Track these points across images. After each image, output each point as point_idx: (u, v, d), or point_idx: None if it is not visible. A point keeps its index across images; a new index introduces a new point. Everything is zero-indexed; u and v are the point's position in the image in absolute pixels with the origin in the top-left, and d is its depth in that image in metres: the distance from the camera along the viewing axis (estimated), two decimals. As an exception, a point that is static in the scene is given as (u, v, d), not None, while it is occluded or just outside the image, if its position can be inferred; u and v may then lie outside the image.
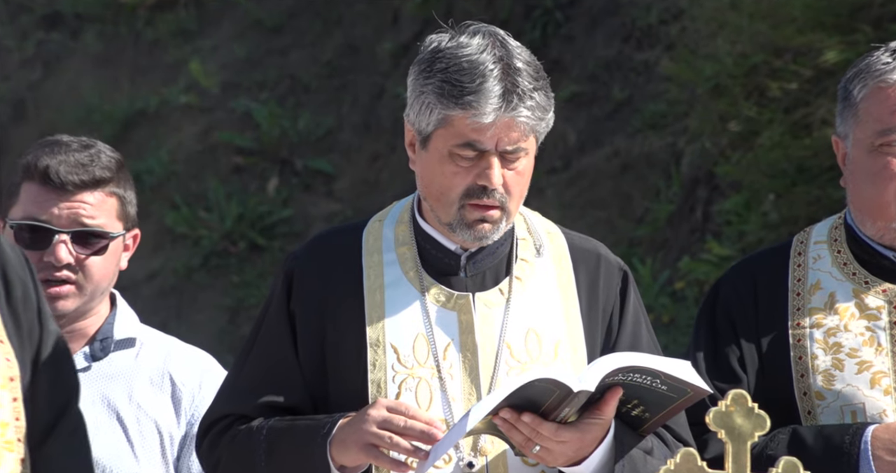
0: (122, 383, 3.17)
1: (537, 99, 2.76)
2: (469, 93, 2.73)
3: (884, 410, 2.89)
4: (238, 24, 9.16)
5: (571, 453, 2.69)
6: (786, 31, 6.56)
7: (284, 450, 2.75)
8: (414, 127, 2.82)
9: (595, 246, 2.91)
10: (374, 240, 2.85)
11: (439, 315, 2.80)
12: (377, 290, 2.81)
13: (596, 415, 2.69)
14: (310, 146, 8.69)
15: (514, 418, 2.65)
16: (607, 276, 2.87)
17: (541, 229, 2.90)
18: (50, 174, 3.09)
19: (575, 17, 8.13)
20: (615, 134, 7.76)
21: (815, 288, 2.97)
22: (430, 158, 2.81)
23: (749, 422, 2.57)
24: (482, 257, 2.84)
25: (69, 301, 3.12)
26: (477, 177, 2.77)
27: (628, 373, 2.65)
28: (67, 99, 9.20)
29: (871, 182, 2.96)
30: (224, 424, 2.83)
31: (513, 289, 2.82)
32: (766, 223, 6.74)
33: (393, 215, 2.90)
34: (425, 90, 2.78)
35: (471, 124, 2.74)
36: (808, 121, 6.59)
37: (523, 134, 2.76)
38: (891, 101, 2.93)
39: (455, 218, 2.79)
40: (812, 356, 2.93)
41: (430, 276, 2.82)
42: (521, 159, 2.78)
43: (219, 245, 8.44)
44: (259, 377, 2.83)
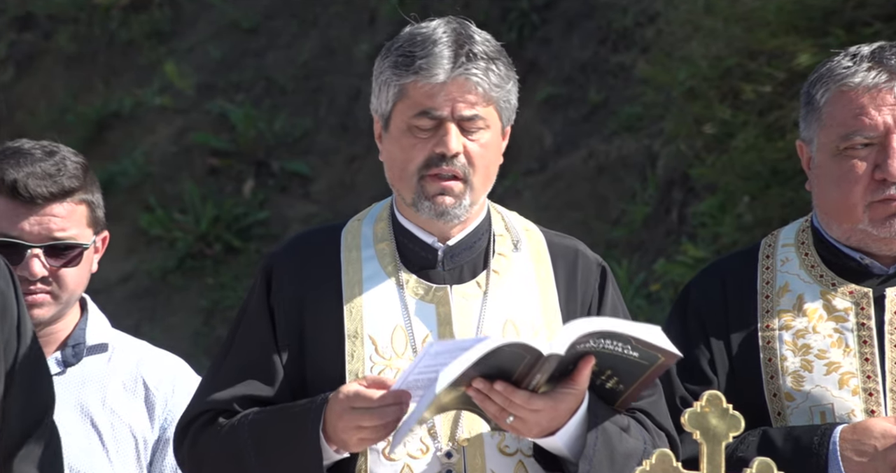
0: (95, 388, 3.16)
1: (493, 67, 2.75)
2: (420, 58, 2.74)
3: (852, 410, 2.90)
4: (213, 25, 9.14)
5: (545, 423, 2.69)
6: (760, 34, 6.59)
7: (273, 441, 2.74)
8: (377, 113, 2.83)
9: (573, 242, 2.91)
10: (352, 238, 2.86)
11: (417, 307, 2.81)
12: (356, 284, 2.82)
13: (570, 385, 2.68)
14: (286, 148, 8.68)
15: (487, 387, 2.64)
16: (585, 272, 2.87)
17: (518, 226, 2.91)
18: (18, 188, 3.07)
19: (551, 19, 8.15)
20: (591, 136, 7.78)
21: (784, 290, 2.99)
22: (391, 138, 2.81)
23: (724, 423, 2.58)
24: (459, 251, 2.84)
25: (44, 309, 3.11)
26: (435, 145, 2.76)
27: (599, 339, 2.65)
28: (40, 100, 9.16)
29: (836, 185, 2.97)
30: (205, 419, 2.82)
31: (490, 282, 2.83)
32: (741, 225, 6.77)
33: (372, 214, 2.91)
34: (383, 69, 2.80)
35: (423, 88, 2.74)
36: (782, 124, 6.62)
37: (479, 98, 2.75)
38: (853, 105, 2.94)
39: (416, 192, 2.79)
40: (781, 357, 2.94)
41: (408, 270, 2.83)
42: (481, 130, 2.77)
43: (194, 247, 8.42)
44: (240, 371, 2.83)
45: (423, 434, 2.76)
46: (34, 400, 2.75)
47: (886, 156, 2.93)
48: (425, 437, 2.76)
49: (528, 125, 7.86)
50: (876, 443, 2.83)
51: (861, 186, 2.95)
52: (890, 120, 2.94)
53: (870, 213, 2.95)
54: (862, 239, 2.98)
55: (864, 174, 2.94)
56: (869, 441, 2.84)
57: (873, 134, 2.95)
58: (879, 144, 2.95)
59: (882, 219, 2.94)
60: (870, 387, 2.92)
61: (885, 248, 2.98)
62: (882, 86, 2.94)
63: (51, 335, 3.16)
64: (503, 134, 2.85)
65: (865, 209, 2.95)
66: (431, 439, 2.76)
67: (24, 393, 2.72)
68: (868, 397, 2.92)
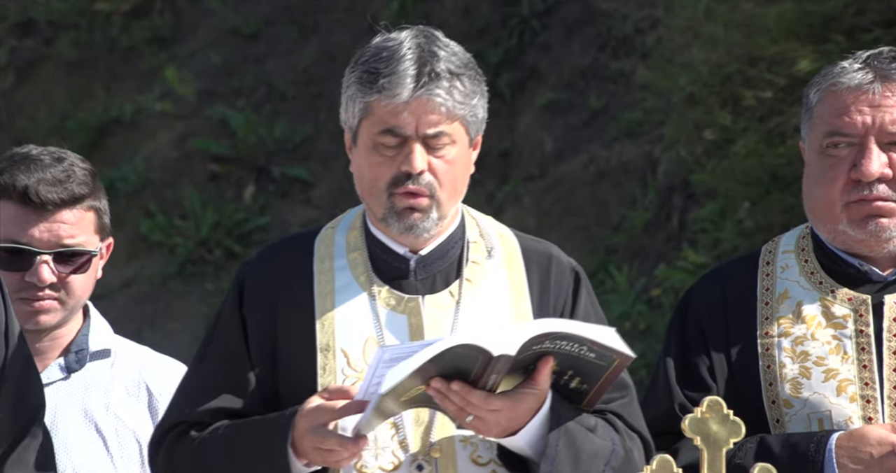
0: (99, 393, 3.17)
1: (457, 83, 2.76)
2: (383, 76, 2.75)
3: (849, 417, 2.90)
4: (214, 31, 9.15)
5: (505, 422, 2.69)
6: (760, 40, 6.60)
7: (243, 455, 2.74)
8: (346, 125, 2.84)
9: (547, 247, 2.91)
10: (325, 247, 2.86)
11: (389, 318, 2.80)
12: (328, 295, 2.81)
13: (530, 385, 2.68)
14: (286, 153, 8.69)
15: (445, 387, 2.64)
16: (559, 277, 2.87)
17: (493, 232, 2.90)
18: (29, 194, 3.07)
19: (551, 25, 8.16)
20: (591, 142, 7.79)
21: (783, 297, 2.99)
22: (358, 153, 2.82)
23: (724, 429, 2.58)
24: (432, 260, 2.84)
25: (51, 315, 3.12)
26: (400, 164, 2.77)
27: (555, 341, 2.65)
28: (41, 106, 9.17)
29: (817, 184, 2.97)
30: (178, 431, 2.82)
31: (463, 291, 2.83)
32: (741, 231, 6.77)
33: (345, 222, 2.90)
34: (349, 84, 2.82)
35: (387, 107, 2.75)
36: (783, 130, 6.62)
37: (443, 116, 2.75)
38: (839, 104, 2.95)
39: (385, 208, 2.79)
40: (780, 364, 2.94)
41: (380, 280, 2.82)
42: (446, 146, 2.78)
43: (195, 253, 8.43)
44: (213, 382, 2.83)
45: (394, 447, 2.75)
46: (25, 403, 2.74)
47: (862, 156, 2.93)
48: (397, 450, 2.76)
49: (528, 131, 7.87)
50: (872, 450, 2.84)
51: (839, 186, 2.95)
52: (870, 120, 2.94)
53: (847, 214, 2.95)
54: (845, 242, 2.98)
55: (841, 173, 2.94)
56: (865, 449, 2.84)
57: (852, 133, 2.95)
58: (858, 144, 2.95)
59: (858, 220, 2.94)
60: (867, 394, 2.92)
61: (867, 250, 2.97)
62: (866, 87, 2.94)
63: (54, 341, 3.16)
64: (473, 144, 2.85)
65: (843, 209, 2.95)
66: (403, 451, 2.75)
67: (14, 396, 2.72)
68: (866, 404, 2.92)
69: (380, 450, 2.74)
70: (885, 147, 2.96)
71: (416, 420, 2.78)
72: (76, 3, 9.27)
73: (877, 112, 2.95)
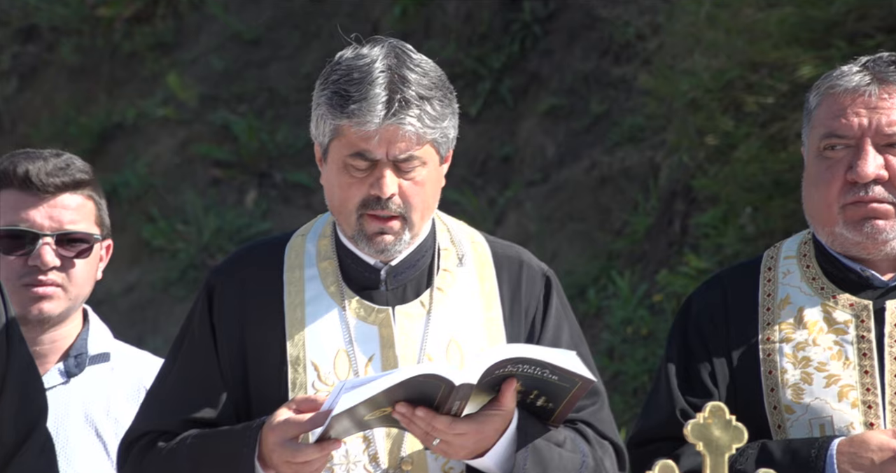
0: (99, 398, 3.17)
1: (427, 108, 2.75)
2: (354, 102, 2.74)
3: (851, 423, 2.90)
4: (216, 36, 9.15)
5: (471, 445, 2.69)
6: (762, 46, 6.60)
7: (210, 467, 2.73)
8: (316, 140, 2.83)
9: (518, 252, 2.90)
10: (295, 256, 2.84)
11: (359, 330, 2.79)
12: (297, 307, 2.80)
13: (495, 407, 2.68)
14: (288, 159, 8.69)
15: (410, 412, 2.64)
16: (529, 282, 2.86)
17: (464, 238, 2.89)
18: (31, 177, 3.10)
19: (553, 31, 8.16)
20: (593, 147, 7.79)
21: (785, 302, 2.99)
22: (329, 171, 2.82)
23: (727, 434, 2.58)
24: (402, 269, 2.83)
25: (54, 303, 3.12)
26: (370, 187, 2.77)
27: (517, 364, 2.66)
28: (43, 112, 9.18)
29: (815, 186, 2.98)
30: (146, 441, 2.80)
31: (434, 301, 2.82)
32: (743, 236, 6.77)
33: (315, 229, 2.89)
34: (320, 102, 2.80)
35: (356, 132, 2.75)
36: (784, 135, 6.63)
37: (412, 142, 2.75)
38: (836, 106, 2.96)
39: (356, 229, 2.79)
40: (781, 370, 2.94)
41: (350, 291, 2.81)
42: (416, 169, 2.78)
43: (196, 258, 8.43)
44: (181, 391, 2.81)
45: (365, 461, 2.75)
46: (27, 406, 2.75)
47: (858, 157, 2.93)
48: (368, 464, 2.75)
49: (530, 136, 7.87)
50: (873, 456, 2.84)
51: (835, 187, 2.95)
52: (866, 122, 2.95)
53: (843, 216, 2.95)
54: (843, 244, 2.98)
55: (838, 175, 2.95)
56: (866, 454, 2.84)
57: (849, 135, 2.96)
58: (855, 146, 2.95)
59: (854, 222, 2.95)
60: (869, 400, 2.92)
61: (864, 252, 2.98)
62: (863, 89, 2.95)
63: (53, 344, 3.17)
64: (443, 159, 2.84)
65: (840, 211, 2.96)
66: (374, 465, 2.75)
67: (17, 400, 2.73)
68: (867, 410, 2.92)
69: (351, 465, 2.74)
70: (882, 149, 2.97)
71: (387, 433, 2.77)
72: (78, 8, 9.28)
73: (873, 114, 2.95)
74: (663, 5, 7.65)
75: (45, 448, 2.77)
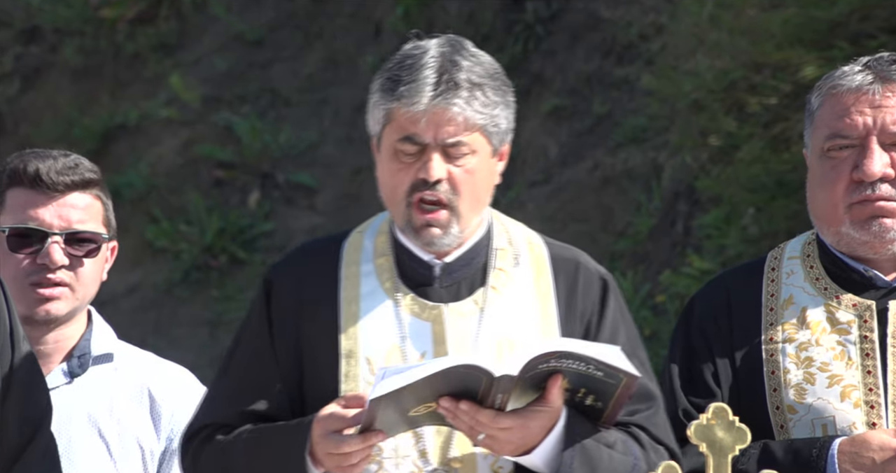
0: (102, 398, 3.17)
1: (477, 93, 2.75)
2: (403, 84, 2.76)
3: (853, 423, 2.90)
4: (219, 37, 9.16)
5: (517, 440, 2.68)
6: (765, 47, 6.60)
7: (264, 462, 2.75)
8: (371, 132, 2.85)
9: (575, 254, 2.90)
10: (353, 252, 2.86)
11: (413, 326, 2.80)
12: (353, 301, 2.81)
13: (541, 403, 2.68)
14: (291, 160, 8.69)
15: (454, 406, 2.65)
16: (586, 284, 2.86)
17: (521, 239, 2.89)
18: (41, 175, 3.11)
19: (556, 32, 8.16)
20: (596, 148, 7.79)
21: (788, 302, 2.99)
22: (381, 160, 2.84)
23: (730, 435, 2.58)
24: (457, 267, 2.84)
25: (61, 303, 3.12)
26: (418, 171, 2.77)
27: (561, 359, 2.65)
28: (46, 113, 9.18)
29: (821, 187, 2.98)
30: (205, 435, 2.83)
31: (487, 299, 2.82)
32: (746, 237, 6.77)
33: (374, 226, 2.90)
34: (374, 91, 2.83)
35: (405, 114, 2.76)
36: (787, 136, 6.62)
37: (460, 127, 2.75)
38: (839, 106, 2.96)
39: (405, 219, 2.80)
40: (784, 370, 2.94)
41: (405, 287, 2.82)
42: (466, 156, 2.77)
43: (199, 259, 8.43)
44: (239, 385, 2.83)
45: (415, 457, 2.76)
46: (31, 408, 2.75)
47: (864, 156, 2.93)
48: (417, 459, 2.76)
49: (532, 137, 7.87)
50: (874, 456, 2.84)
51: (841, 187, 2.95)
52: (871, 121, 2.95)
53: (850, 215, 2.95)
54: (849, 244, 2.98)
55: (843, 175, 2.95)
56: (867, 454, 2.84)
57: (853, 134, 2.95)
58: (860, 146, 2.95)
59: (862, 221, 2.95)
60: (871, 400, 2.92)
61: (871, 252, 2.97)
62: (866, 88, 2.95)
63: (57, 344, 3.16)
64: (498, 155, 2.84)
65: (846, 211, 2.95)
66: (423, 460, 2.75)
67: (21, 401, 2.73)
68: (870, 410, 2.92)
69: (400, 459, 2.75)
70: (887, 147, 2.97)
71: (437, 430, 2.77)
72: (81, 9, 9.29)
73: (878, 112, 2.95)
74: (666, 6, 7.64)
75: (49, 449, 2.77)
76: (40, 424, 2.75)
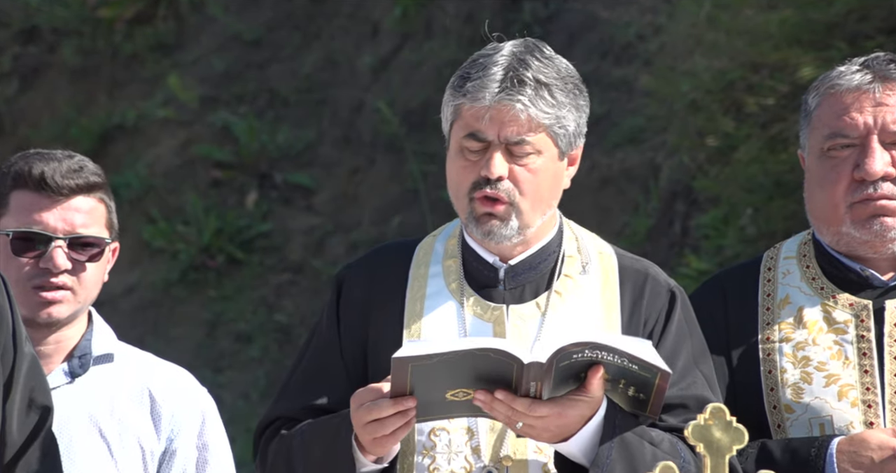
0: (103, 398, 3.16)
1: (544, 93, 2.76)
2: (472, 80, 2.78)
3: (850, 422, 2.90)
4: (217, 37, 9.15)
5: (555, 429, 2.69)
6: (762, 47, 6.60)
7: (317, 453, 2.77)
8: (443, 129, 2.88)
9: (646, 266, 2.90)
10: (424, 254, 2.89)
11: (475, 325, 2.82)
12: (418, 301, 2.84)
13: (581, 393, 2.68)
14: (289, 160, 8.69)
15: (489, 397, 2.66)
16: (652, 296, 2.86)
17: (592, 248, 2.90)
18: (46, 179, 3.10)
19: (554, 32, 8.16)
20: (594, 148, 7.79)
21: (785, 302, 2.99)
22: (449, 158, 2.87)
23: (727, 436, 2.58)
24: (522, 270, 2.85)
25: (63, 307, 3.12)
26: (481, 168, 2.79)
27: (595, 351, 2.65)
28: (44, 113, 9.18)
29: (820, 187, 2.97)
30: (273, 428, 2.87)
31: (550, 304, 2.83)
32: (744, 237, 6.77)
33: (447, 231, 2.94)
34: (447, 89, 2.85)
35: (471, 110, 2.78)
36: (785, 137, 6.62)
37: (524, 126, 2.76)
38: (838, 106, 2.96)
39: (467, 212, 2.82)
40: (781, 370, 2.94)
41: (470, 288, 2.85)
42: (530, 156, 2.78)
43: (197, 259, 8.43)
44: (307, 380, 2.87)
45: (468, 453, 2.77)
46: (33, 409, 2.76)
47: (865, 155, 2.93)
48: (469, 455, 2.77)
49: (530, 137, 7.85)
50: (872, 455, 2.84)
51: (842, 187, 2.95)
52: (871, 120, 2.95)
53: (851, 215, 2.95)
54: (849, 244, 2.98)
55: (844, 174, 2.95)
56: (865, 453, 2.84)
57: (854, 134, 2.95)
58: (860, 145, 2.95)
59: (862, 221, 2.94)
60: (869, 399, 2.92)
61: (871, 251, 2.97)
62: (865, 88, 2.95)
63: (58, 344, 3.16)
64: (567, 158, 2.84)
65: (847, 210, 2.95)
66: (475, 457, 2.76)
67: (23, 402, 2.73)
68: (867, 409, 2.92)
69: (453, 454, 2.76)
70: (888, 146, 2.97)
71: (490, 427, 2.78)
72: (79, 10, 9.28)
73: (878, 111, 2.95)
74: (664, 6, 7.65)
75: (51, 449, 2.77)
76: (42, 424, 2.75)
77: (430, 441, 2.75)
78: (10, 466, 2.65)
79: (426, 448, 2.76)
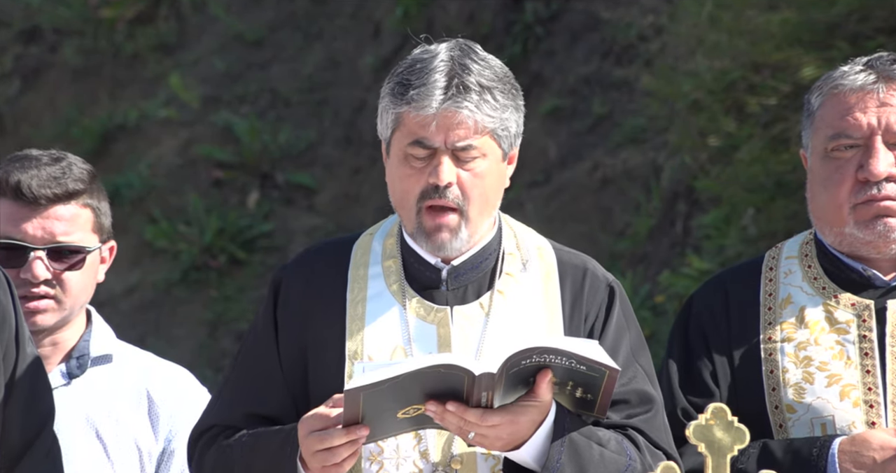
0: (100, 399, 3.16)
1: (487, 97, 2.75)
2: (414, 88, 2.76)
3: (852, 422, 2.90)
4: (218, 37, 9.16)
5: (507, 436, 2.68)
6: (764, 47, 6.60)
7: (259, 466, 2.75)
8: (381, 136, 2.85)
9: (583, 260, 2.90)
10: (362, 254, 2.86)
11: (418, 328, 2.80)
12: (359, 303, 2.82)
13: (530, 398, 2.68)
14: (290, 160, 8.69)
15: (441, 409, 2.65)
16: (592, 290, 2.86)
17: (530, 244, 2.89)
18: (22, 189, 3.08)
19: (555, 32, 8.16)
20: (595, 148, 7.79)
21: (786, 302, 2.99)
22: (391, 164, 2.83)
23: (729, 436, 2.58)
24: (464, 271, 2.84)
25: (48, 315, 3.11)
26: (429, 176, 2.77)
27: (542, 355, 2.65)
28: (46, 113, 9.18)
29: (824, 187, 2.97)
30: (210, 436, 2.84)
31: (493, 303, 2.82)
32: (746, 237, 6.77)
33: (384, 228, 2.91)
34: (384, 94, 2.82)
35: (415, 118, 2.76)
36: (787, 136, 6.62)
37: (470, 130, 2.75)
38: (842, 106, 2.95)
39: (415, 225, 2.80)
40: (783, 369, 2.94)
41: (412, 290, 2.82)
42: (476, 160, 2.77)
43: (198, 259, 8.43)
44: (243, 386, 2.84)
45: (416, 457, 2.75)
46: (34, 410, 2.75)
47: (869, 156, 2.93)
48: (418, 460, 2.75)
49: (532, 137, 7.86)
50: (874, 455, 2.84)
51: (846, 187, 2.94)
52: (875, 121, 2.94)
53: (854, 215, 2.95)
54: (852, 244, 2.97)
55: (848, 175, 2.94)
56: (867, 453, 2.84)
57: (858, 134, 2.95)
58: (864, 145, 2.95)
59: (866, 221, 2.94)
60: (871, 399, 2.93)
61: (875, 252, 2.97)
62: (869, 88, 2.94)
63: (56, 345, 3.16)
64: (507, 159, 2.84)
65: (850, 211, 2.95)
66: (424, 461, 2.75)
67: (24, 403, 2.73)
68: (869, 409, 2.92)
69: (401, 459, 2.75)
70: (892, 147, 2.97)
71: (438, 431, 2.77)
72: (81, 10, 9.29)
73: (882, 112, 2.95)
74: (666, 7, 7.65)
75: (52, 450, 2.77)
76: (43, 425, 2.75)
77: (377, 447, 2.73)
78: (11, 467, 2.65)
79: (374, 454, 2.75)
